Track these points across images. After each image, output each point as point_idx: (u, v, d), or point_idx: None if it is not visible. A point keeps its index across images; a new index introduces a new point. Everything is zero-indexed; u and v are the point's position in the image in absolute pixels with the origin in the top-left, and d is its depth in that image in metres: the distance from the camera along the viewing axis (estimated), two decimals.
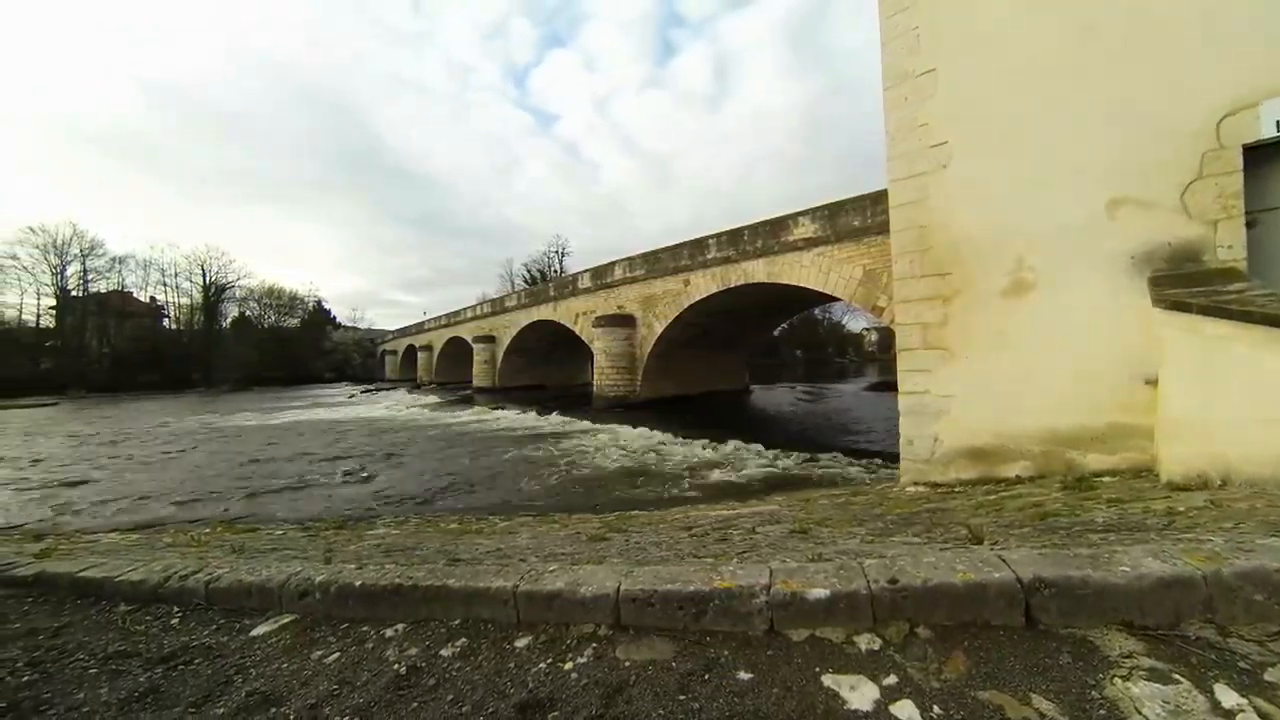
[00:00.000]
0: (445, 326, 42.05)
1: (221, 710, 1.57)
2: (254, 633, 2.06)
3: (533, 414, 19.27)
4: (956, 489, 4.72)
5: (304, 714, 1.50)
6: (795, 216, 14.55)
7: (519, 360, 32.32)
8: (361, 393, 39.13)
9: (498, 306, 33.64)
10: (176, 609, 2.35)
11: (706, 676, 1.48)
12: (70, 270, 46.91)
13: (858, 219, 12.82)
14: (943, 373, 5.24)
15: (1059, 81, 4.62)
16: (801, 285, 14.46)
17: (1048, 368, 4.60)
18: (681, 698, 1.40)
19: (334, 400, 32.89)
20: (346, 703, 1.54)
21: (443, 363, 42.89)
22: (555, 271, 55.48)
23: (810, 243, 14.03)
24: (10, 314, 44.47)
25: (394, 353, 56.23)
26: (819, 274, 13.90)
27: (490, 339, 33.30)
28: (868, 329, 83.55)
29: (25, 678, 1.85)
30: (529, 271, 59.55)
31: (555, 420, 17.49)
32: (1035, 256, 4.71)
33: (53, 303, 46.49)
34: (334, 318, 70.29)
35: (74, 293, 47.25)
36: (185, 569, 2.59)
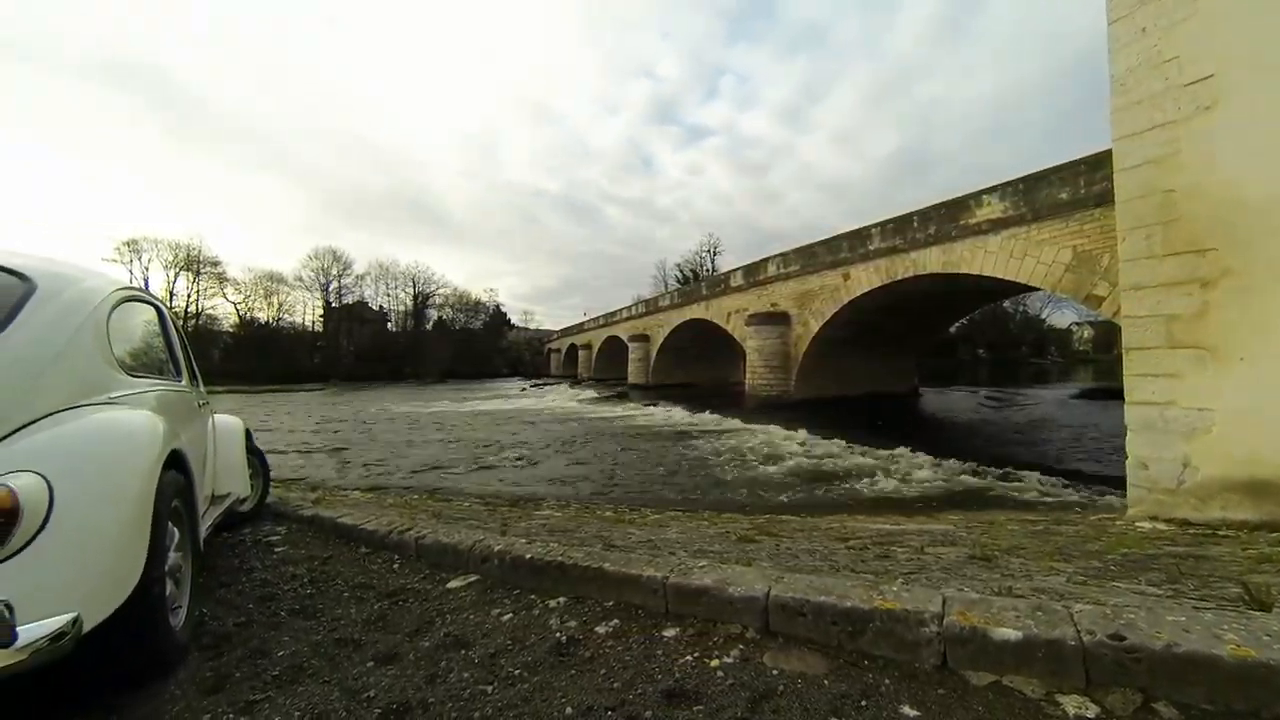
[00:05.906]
0: (602, 326, 45.10)
1: (427, 644, 1.90)
2: (449, 585, 2.46)
3: (684, 411, 19.55)
4: (1221, 532, 3.62)
5: (486, 660, 1.75)
6: (978, 195, 12.59)
7: (671, 358, 33.22)
8: (531, 386, 43.98)
9: (651, 306, 35.01)
10: (397, 556, 2.93)
11: (863, 703, 1.37)
12: (331, 286, 61.28)
13: (1065, 191, 10.63)
14: (1199, 378, 4.05)
15: None
16: (985, 274, 12.46)
17: None
18: None
19: (508, 393, 37.42)
20: (518, 659, 1.75)
21: (600, 360, 46.10)
22: (707, 270, 55.88)
23: (997, 224, 12.03)
24: (297, 320, 59.81)
25: (558, 351, 62.25)
26: (1008, 260, 11.84)
27: (644, 338, 34.81)
28: (1078, 323, 68.72)
29: (307, 591, 2.50)
30: (681, 271, 61.07)
31: (706, 418, 17.54)
32: None
33: (322, 311, 61.14)
34: (509, 319, 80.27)
35: (333, 303, 61.53)
36: (402, 526, 3.19)
